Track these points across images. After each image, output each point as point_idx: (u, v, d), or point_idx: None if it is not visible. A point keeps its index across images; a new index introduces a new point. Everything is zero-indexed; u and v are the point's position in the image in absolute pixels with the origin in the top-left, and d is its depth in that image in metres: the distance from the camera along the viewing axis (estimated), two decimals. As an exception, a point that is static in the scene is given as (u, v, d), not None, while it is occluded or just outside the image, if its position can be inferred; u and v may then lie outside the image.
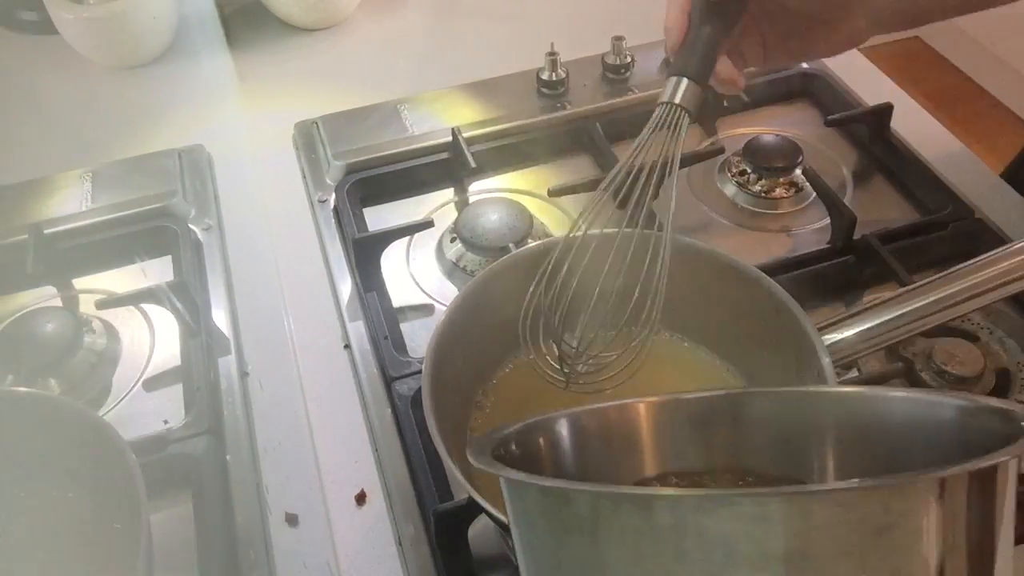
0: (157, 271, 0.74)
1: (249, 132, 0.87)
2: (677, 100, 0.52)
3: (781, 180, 0.79)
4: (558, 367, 0.52)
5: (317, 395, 0.65)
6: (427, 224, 0.74)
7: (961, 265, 0.55)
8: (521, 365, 0.58)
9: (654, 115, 0.53)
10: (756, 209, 0.78)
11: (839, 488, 0.30)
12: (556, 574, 0.31)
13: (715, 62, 0.54)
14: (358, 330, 0.68)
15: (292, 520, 0.58)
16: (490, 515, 0.46)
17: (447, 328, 0.54)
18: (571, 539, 0.30)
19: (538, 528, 0.32)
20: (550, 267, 0.51)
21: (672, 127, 0.52)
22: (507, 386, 0.57)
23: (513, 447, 0.37)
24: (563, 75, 0.86)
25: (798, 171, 0.78)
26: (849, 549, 0.27)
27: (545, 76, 0.86)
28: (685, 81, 0.52)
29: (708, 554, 0.27)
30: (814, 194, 0.76)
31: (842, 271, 0.70)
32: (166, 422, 0.62)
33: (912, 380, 0.61)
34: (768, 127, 0.86)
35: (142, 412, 0.64)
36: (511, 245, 0.70)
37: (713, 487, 0.39)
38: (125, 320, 0.70)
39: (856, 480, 0.31)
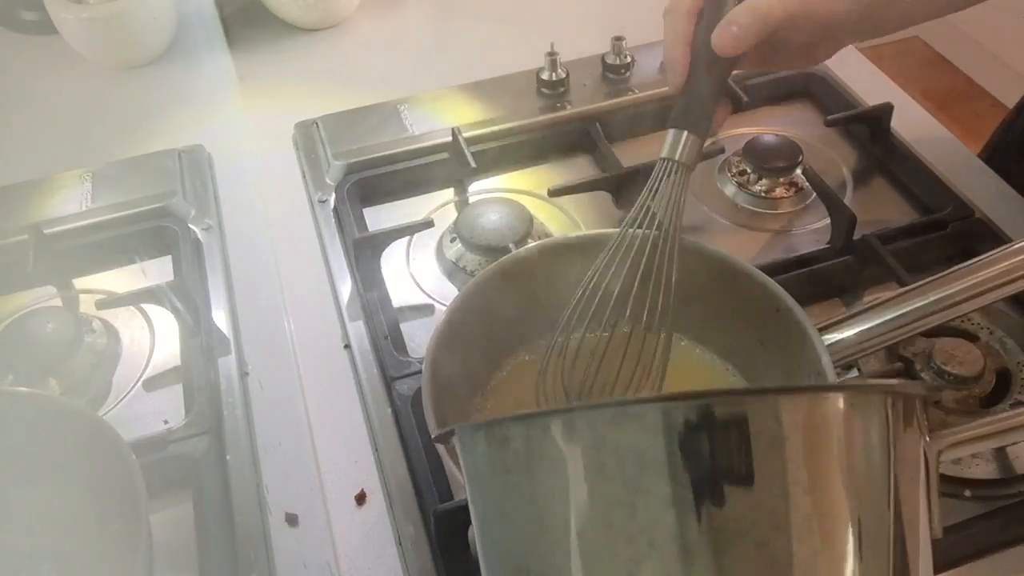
0: (157, 271, 0.74)
1: (249, 132, 0.87)
2: (678, 157, 0.52)
3: (781, 180, 0.79)
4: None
5: (317, 395, 0.65)
6: (427, 224, 0.74)
7: (961, 265, 0.55)
8: (520, 365, 0.58)
9: (655, 170, 0.53)
10: (756, 209, 0.78)
11: (733, 394, 0.32)
12: (501, 521, 0.34)
13: (715, 111, 0.54)
14: (358, 330, 0.68)
15: (292, 520, 0.58)
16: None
17: (447, 328, 0.54)
18: (511, 480, 0.33)
19: (485, 479, 0.35)
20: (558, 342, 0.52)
21: (674, 184, 0.52)
22: (507, 386, 0.57)
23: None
24: (563, 75, 0.86)
25: (798, 171, 0.78)
26: (746, 454, 0.30)
27: (545, 76, 0.86)
28: (685, 134, 0.52)
29: (622, 464, 0.31)
30: (814, 194, 0.76)
31: (842, 271, 0.70)
32: (166, 422, 0.62)
33: (912, 379, 0.61)
34: (768, 127, 0.86)
35: (142, 412, 0.64)
36: (511, 245, 0.70)
37: None
38: (125, 320, 0.70)
39: (747, 388, 0.33)
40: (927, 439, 0.36)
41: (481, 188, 0.81)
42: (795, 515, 0.30)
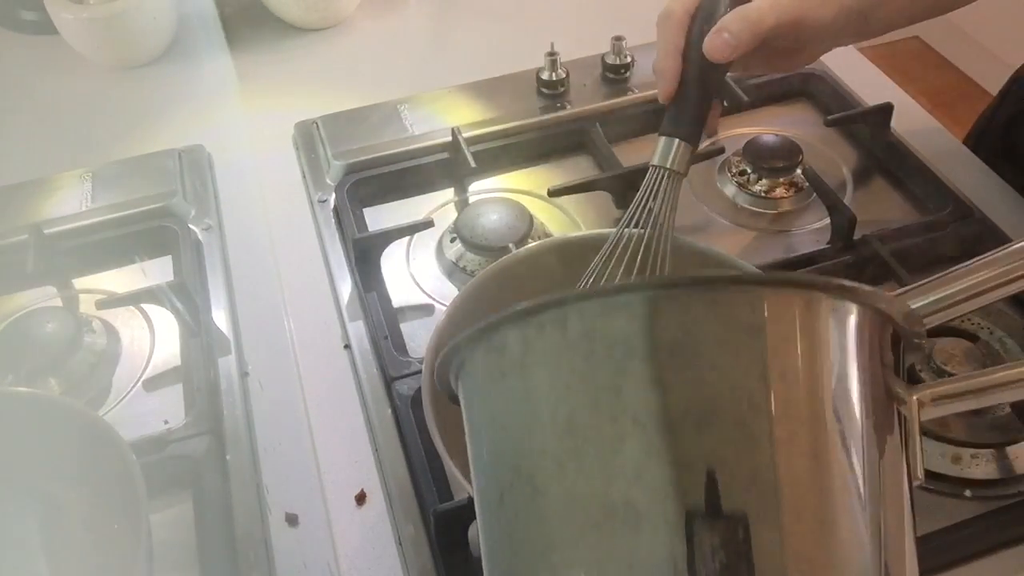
0: (157, 271, 0.74)
1: (249, 132, 0.87)
2: (669, 164, 0.52)
3: (781, 180, 0.79)
4: None
5: (317, 395, 0.65)
6: (427, 224, 0.74)
7: (961, 265, 0.55)
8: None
9: (647, 178, 0.53)
10: (756, 209, 0.78)
11: (711, 280, 0.34)
12: (495, 428, 0.36)
13: (707, 119, 0.54)
14: (358, 330, 0.68)
15: (292, 520, 0.58)
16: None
17: (447, 328, 0.54)
18: (506, 385, 0.35)
19: (481, 392, 0.37)
20: None
21: (665, 191, 0.52)
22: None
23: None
24: (563, 75, 0.86)
25: (798, 171, 0.78)
26: (724, 343, 0.32)
27: (545, 76, 0.86)
28: (676, 142, 0.53)
29: (610, 351, 0.33)
30: (814, 194, 0.76)
31: (842, 271, 0.70)
32: (166, 422, 0.62)
33: (912, 379, 0.61)
34: (768, 127, 0.86)
35: (142, 412, 0.64)
36: (511, 245, 0.70)
37: None
38: (125, 320, 0.70)
39: (723, 274, 0.36)
40: (899, 390, 0.37)
41: (481, 188, 0.81)
42: (773, 398, 0.32)
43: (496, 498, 0.36)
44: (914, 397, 0.36)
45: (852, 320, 0.35)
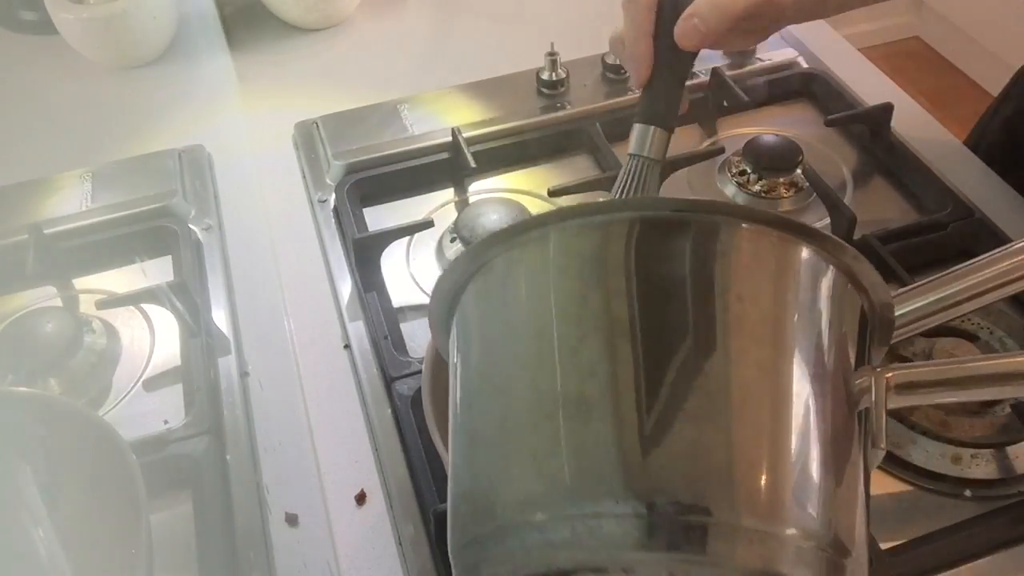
0: (157, 271, 0.74)
1: (249, 132, 0.87)
2: (646, 152, 0.53)
3: (781, 180, 0.79)
4: None
5: (317, 395, 0.65)
6: (427, 224, 0.74)
7: (961, 265, 0.55)
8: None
9: (624, 167, 0.53)
10: (756, 209, 0.78)
11: (682, 205, 0.35)
12: (481, 351, 0.38)
13: (679, 102, 0.54)
14: (358, 330, 0.68)
15: (292, 520, 0.58)
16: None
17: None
18: (490, 300, 0.38)
19: (467, 316, 0.39)
20: None
21: (643, 179, 0.52)
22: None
23: None
24: (563, 75, 0.86)
25: (798, 171, 0.78)
26: (690, 263, 0.35)
27: (545, 76, 0.86)
28: (652, 129, 0.53)
29: (583, 266, 0.36)
30: (814, 194, 0.76)
31: (842, 271, 0.70)
32: (166, 422, 0.62)
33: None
34: (768, 127, 0.86)
35: (142, 412, 0.64)
36: (511, 245, 0.70)
37: None
38: (125, 320, 0.70)
39: (697, 201, 0.37)
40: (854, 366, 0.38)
41: (481, 188, 0.81)
42: (731, 315, 0.34)
43: (466, 407, 0.38)
44: (884, 377, 0.37)
45: (824, 275, 0.37)
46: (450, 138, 0.81)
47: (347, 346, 0.68)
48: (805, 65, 0.91)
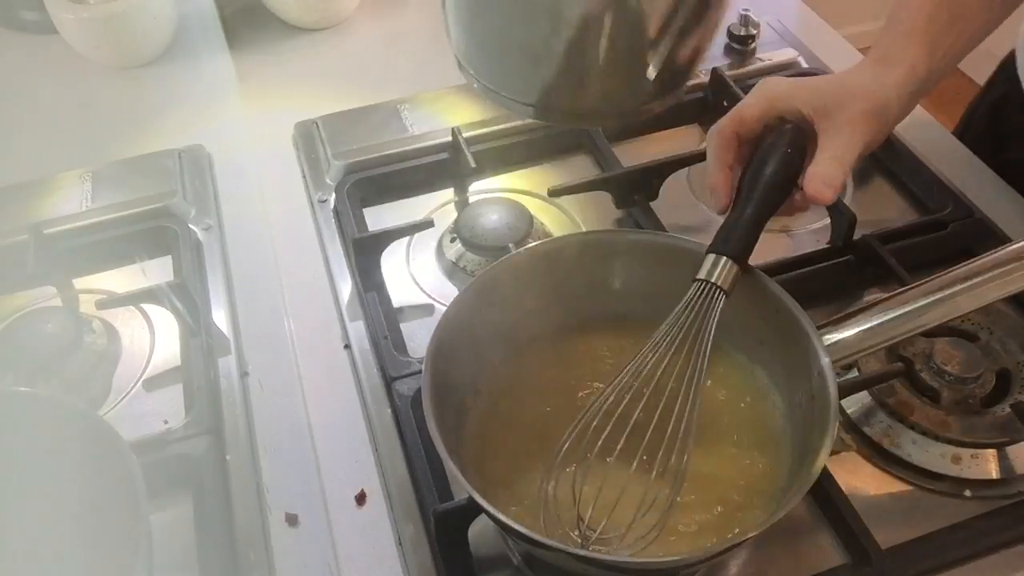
0: (157, 271, 0.74)
1: (249, 132, 0.87)
2: (715, 279, 0.52)
3: (781, 180, 0.78)
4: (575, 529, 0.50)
5: (317, 395, 0.65)
6: (427, 224, 0.74)
7: (961, 265, 0.55)
8: (520, 365, 0.58)
9: (690, 291, 0.52)
10: (756, 209, 0.78)
11: None
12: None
13: (757, 240, 0.53)
14: (358, 330, 0.68)
15: (292, 520, 0.58)
16: (490, 515, 0.46)
17: (447, 328, 0.54)
18: None
19: None
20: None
21: (706, 307, 0.51)
22: (507, 385, 0.57)
23: None
24: (563, 75, 0.86)
25: (798, 171, 0.78)
26: None
27: (545, 76, 0.86)
28: (724, 260, 0.52)
29: None
30: (814, 194, 0.76)
31: (842, 271, 0.70)
32: (166, 422, 0.62)
33: (912, 380, 0.61)
34: (768, 127, 0.85)
35: (142, 412, 0.64)
36: (511, 245, 0.70)
37: None
38: (125, 320, 0.70)
39: None
40: None
41: (481, 188, 0.81)
42: None
43: None
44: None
45: None
46: (450, 138, 0.81)
47: (347, 346, 0.68)
48: (805, 65, 0.91)
